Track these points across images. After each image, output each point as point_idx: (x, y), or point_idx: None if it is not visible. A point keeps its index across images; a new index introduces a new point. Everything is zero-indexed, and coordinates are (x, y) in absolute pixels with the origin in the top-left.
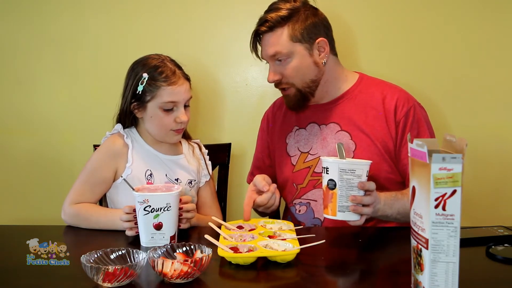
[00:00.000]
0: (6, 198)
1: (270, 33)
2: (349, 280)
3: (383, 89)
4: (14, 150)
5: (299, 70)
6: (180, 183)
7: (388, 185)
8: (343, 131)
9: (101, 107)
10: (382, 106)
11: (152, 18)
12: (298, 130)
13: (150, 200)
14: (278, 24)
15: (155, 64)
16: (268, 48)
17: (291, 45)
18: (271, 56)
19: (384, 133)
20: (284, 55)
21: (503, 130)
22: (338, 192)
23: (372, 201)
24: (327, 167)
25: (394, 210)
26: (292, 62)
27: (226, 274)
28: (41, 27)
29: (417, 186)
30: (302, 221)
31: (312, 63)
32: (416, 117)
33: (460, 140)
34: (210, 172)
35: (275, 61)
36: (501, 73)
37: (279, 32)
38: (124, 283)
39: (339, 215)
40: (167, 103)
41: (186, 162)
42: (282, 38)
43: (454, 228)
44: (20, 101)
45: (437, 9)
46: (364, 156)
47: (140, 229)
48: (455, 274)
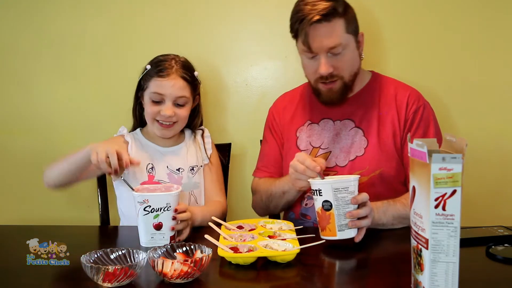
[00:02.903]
0: (6, 198)
1: (326, 23)
2: (349, 280)
3: (396, 86)
4: (14, 150)
5: (350, 62)
6: (182, 171)
7: (395, 184)
8: (357, 127)
9: (101, 107)
10: (394, 102)
11: (152, 18)
12: (310, 125)
13: (150, 200)
14: (335, 13)
15: (162, 59)
16: (325, 39)
17: (347, 36)
18: (329, 48)
19: (394, 129)
20: (342, 47)
21: (503, 130)
22: (335, 212)
23: (369, 211)
24: (319, 189)
25: (388, 217)
26: (345, 54)
27: (226, 274)
28: (41, 27)
29: (417, 186)
30: (308, 215)
31: (358, 56)
32: (425, 116)
33: (460, 140)
34: (208, 156)
35: (328, 53)
36: (501, 73)
37: (337, 23)
38: (124, 283)
39: (339, 235)
40: (154, 94)
41: (186, 149)
42: (340, 30)
43: (454, 228)
44: (20, 101)
45: (438, 9)
46: (375, 153)
47: (140, 229)
48: (455, 274)
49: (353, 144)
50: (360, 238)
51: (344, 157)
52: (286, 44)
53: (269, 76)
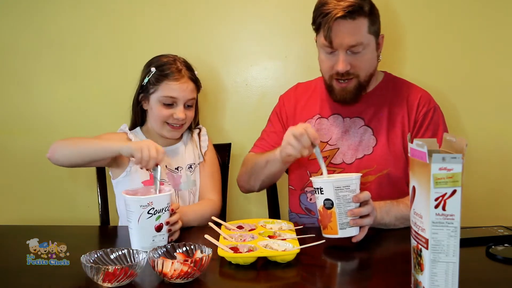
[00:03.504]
0: (6, 198)
1: (351, 21)
2: (349, 280)
3: (408, 88)
4: (14, 150)
5: (368, 62)
6: (181, 170)
7: (402, 185)
8: (366, 126)
9: (101, 107)
10: (405, 103)
11: (152, 18)
12: (320, 119)
13: (154, 203)
14: (361, 13)
15: (166, 61)
16: (348, 36)
17: (369, 37)
18: (350, 45)
19: (404, 130)
20: (362, 47)
21: (503, 130)
22: (336, 211)
23: (370, 210)
24: (321, 187)
25: (391, 217)
26: (365, 54)
27: (226, 274)
28: (41, 27)
29: (417, 186)
30: (313, 210)
31: (376, 57)
32: (435, 119)
33: (460, 140)
34: (202, 153)
35: (347, 51)
36: (502, 73)
37: (362, 21)
38: (124, 283)
39: (341, 233)
40: (166, 98)
41: (184, 148)
42: (363, 29)
43: (454, 228)
44: (20, 101)
45: (438, 9)
46: (383, 153)
47: (141, 234)
48: (455, 274)
49: (362, 142)
50: (360, 238)
51: (352, 154)
52: (286, 44)
53: (269, 76)
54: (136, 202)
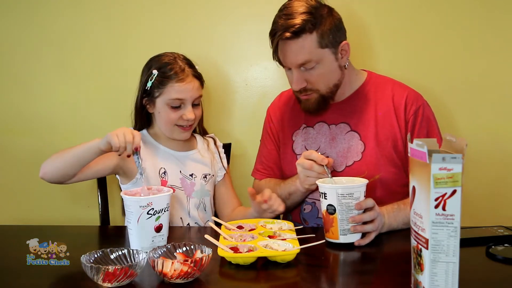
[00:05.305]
0: (6, 198)
1: (295, 40)
2: (349, 280)
3: (392, 87)
4: (14, 150)
5: (326, 76)
6: (195, 178)
7: (395, 187)
8: (353, 131)
9: (101, 107)
10: (391, 103)
11: (152, 18)
12: (306, 128)
13: (153, 203)
14: (305, 30)
15: (166, 61)
16: (295, 56)
17: (320, 51)
18: (299, 64)
19: (394, 132)
20: (313, 63)
21: (503, 130)
22: (338, 217)
23: (374, 216)
24: (325, 193)
25: (399, 222)
26: (319, 68)
27: (226, 274)
28: (41, 27)
29: (417, 186)
30: (307, 219)
31: (337, 68)
32: (425, 116)
33: (460, 140)
34: (225, 166)
35: (300, 68)
36: (501, 73)
37: (307, 39)
38: (124, 283)
39: (342, 238)
40: (174, 100)
41: (200, 156)
42: (311, 45)
43: (454, 228)
44: (20, 101)
45: (438, 9)
46: (372, 157)
47: (140, 234)
48: (455, 274)
49: (350, 149)
50: (363, 243)
51: (341, 162)
52: None
53: (269, 76)
54: (135, 203)
